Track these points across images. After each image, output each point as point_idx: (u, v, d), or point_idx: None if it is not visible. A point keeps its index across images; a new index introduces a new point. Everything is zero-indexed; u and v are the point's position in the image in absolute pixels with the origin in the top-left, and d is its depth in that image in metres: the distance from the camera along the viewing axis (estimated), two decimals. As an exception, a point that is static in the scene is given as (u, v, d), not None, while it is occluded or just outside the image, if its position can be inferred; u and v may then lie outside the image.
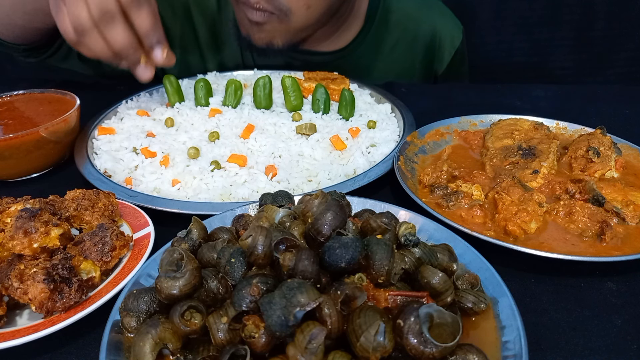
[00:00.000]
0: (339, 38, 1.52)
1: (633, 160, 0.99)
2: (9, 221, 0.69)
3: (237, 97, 1.21)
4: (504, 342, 0.53)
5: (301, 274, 0.49)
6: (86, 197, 0.78)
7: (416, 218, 0.73)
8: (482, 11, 2.03)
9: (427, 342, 0.45)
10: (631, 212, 0.80)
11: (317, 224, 0.55)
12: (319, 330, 0.44)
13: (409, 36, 1.56)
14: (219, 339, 0.49)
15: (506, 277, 0.61)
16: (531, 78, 2.10)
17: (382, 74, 1.59)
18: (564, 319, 0.65)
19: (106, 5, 0.91)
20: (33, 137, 0.95)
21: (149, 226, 0.76)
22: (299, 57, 1.52)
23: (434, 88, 1.61)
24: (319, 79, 1.31)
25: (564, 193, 0.87)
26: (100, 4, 0.91)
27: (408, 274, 0.56)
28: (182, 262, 0.53)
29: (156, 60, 1.04)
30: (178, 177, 0.94)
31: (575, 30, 2.00)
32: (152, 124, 1.13)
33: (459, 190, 0.86)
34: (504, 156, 0.98)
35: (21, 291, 0.60)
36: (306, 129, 1.08)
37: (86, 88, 1.43)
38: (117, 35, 0.95)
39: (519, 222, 0.76)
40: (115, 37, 0.95)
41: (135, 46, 0.99)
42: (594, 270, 0.73)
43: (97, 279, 0.66)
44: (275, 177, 0.95)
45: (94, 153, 1.06)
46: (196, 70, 1.51)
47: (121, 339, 0.54)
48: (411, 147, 1.01)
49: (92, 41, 0.96)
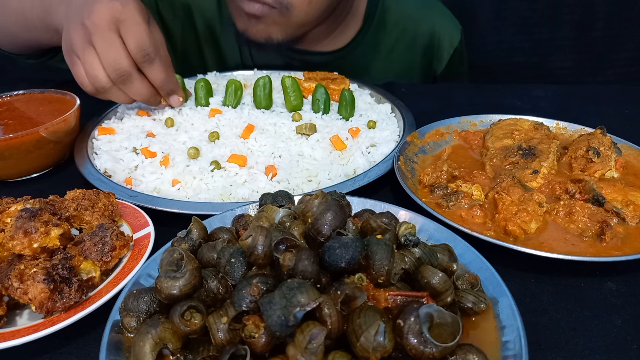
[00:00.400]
0: (338, 38, 1.52)
1: (633, 160, 0.99)
2: (9, 221, 0.69)
3: (237, 97, 1.21)
4: (504, 342, 0.53)
5: (301, 274, 0.49)
6: (86, 197, 0.78)
7: (416, 218, 0.73)
8: (482, 11, 2.03)
9: (427, 342, 0.45)
10: (631, 212, 0.80)
11: (317, 224, 0.55)
12: (319, 330, 0.44)
13: (407, 36, 1.56)
14: (219, 339, 0.49)
15: (506, 277, 0.61)
16: (531, 78, 2.10)
17: (381, 74, 1.59)
18: (564, 319, 0.65)
19: (121, 66, 0.96)
20: (33, 137, 0.95)
21: (149, 226, 0.76)
22: (298, 57, 1.52)
23: (434, 88, 1.61)
24: (319, 79, 1.31)
25: (564, 193, 0.87)
26: (115, 65, 0.96)
27: (408, 274, 0.56)
28: (182, 262, 0.53)
29: (173, 105, 1.15)
30: (178, 177, 0.94)
31: (575, 30, 2.00)
32: (152, 124, 1.13)
33: (459, 190, 0.86)
34: (504, 156, 0.98)
35: (21, 291, 0.60)
36: (306, 129, 1.08)
37: (86, 88, 1.42)
38: (136, 90, 1.02)
39: (519, 222, 0.76)
40: (134, 92, 1.03)
41: (154, 95, 1.08)
42: (594, 270, 0.73)
43: (97, 279, 0.66)
44: (275, 177, 0.95)
45: (94, 153, 1.06)
46: (196, 70, 1.51)
47: (121, 339, 0.54)
48: (411, 147, 1.01)
49: (113, 95, 1.03)
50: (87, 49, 0.95)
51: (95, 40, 0.94)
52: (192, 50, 1.57)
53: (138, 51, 0.96)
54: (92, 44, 0.95)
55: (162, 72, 1.03)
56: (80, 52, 0.96)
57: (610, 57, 2.04)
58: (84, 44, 0.95)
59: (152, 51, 0.98)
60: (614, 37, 1.99)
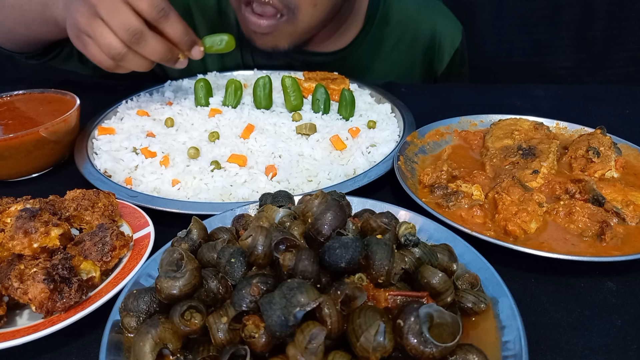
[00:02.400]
0: (339, 38, 1.52)
1: (633, 160, 0.99)
2: (9, 221, 0.69)
3: (237, 97, 1.21)
4: (504, 342, 0.53)
5: (301, 274, 0.49)
6: (86, 197, 0.78)
7: (416, 218, 0.73)
8: (482, 11, 2.03)
9: (427, 342, 0.45)
10: (631, 212, 0.80)
11: (317, 224, 0.55)
12: (319, 330, 0.44)
13: (409, 36, 1.56)
14: (219, 339, 0.49)
15: (506, 277, 0.61)
16: (531, 78, 2.10)
17: (382, 74, 1.59)
18: (564, 319, 0.65)
19: (131, 25, 0.93)
20: (33, 137, 0.95)
21: (149, 226, 0.76)
22: (299, 57, 1.52)
23: (434, 88, 1.61)
24: (319, 79, 1.31)
25: (564, 193, 0.87)
26: (125, 26, 0.93)
27: (408, 274, 0.56)
28: (182, 262, 0.53)
29: (195, 57, 1.08)
30: (178, 177, 0.94)
31: (575, 30, 2.00)
32: (152, 124, 1.13)
33: (459, 190, 0.86)
34: (504, 156, 0.98)
35: (21, 291, 0.60)
36: (306, 129, 1.08)
37: (86, 88, 1.42)
38: (152, 49, 0.98)
39: (519, 222, 0.76)
40: (151, 51, 0.98)
41: (172, 50, 1.02)
42: (594, 270, 0.73)
43: (97, 279, 0.66)
44: (275, 177, 0.95)
45: (94, 153, 1.06)
46: (196, 70, 1.51)
47: (121, 339, 0.54)
48: (411, 147, 1.01)
49: (131, 61, 0.99)
50: (94, 21, 0.94)
51: (100, 11, 0.93)
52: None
53: (152, 8, 0.94)
54: (99, 15, 0.93)
55: (180, 23, 1.00)
56: (88, 27, 0.95)
57: (610, 57, 2.04)
58: (90, 18, 0.94)
59: (165, 5, 0.96)
60: (614, 37, 1.99)
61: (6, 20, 1.21)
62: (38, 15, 1.15)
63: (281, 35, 1.31)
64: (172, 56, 1.03)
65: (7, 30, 1.25)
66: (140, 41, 0.95)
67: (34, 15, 1.15)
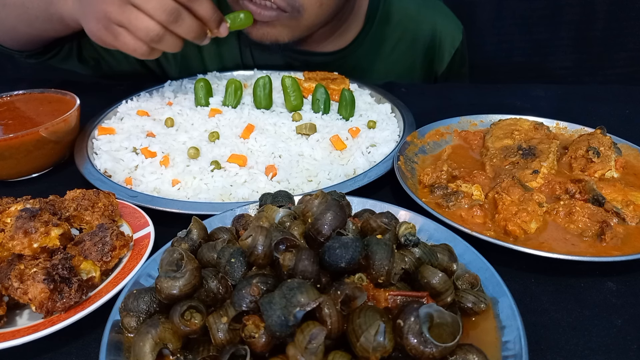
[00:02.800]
0: (339, 38, 1.52)
1: (633, 160, 0.99)
2: (9, 221, 0.69)
3: (237, 97, 1.21)
4: (504, 342, 0.53)
5: (301, 274, 0.49)
6: (86, 197, 0.78)
7: (416, 218, 0.73)
8: (482, 11, 2.03)
9: (427, 342, 0.45)
10: (631, 212, 0.80)
11: (317, 224, 0.55)
12: (319, 330, 0.44)
13: (409, 36, 1.56)
14: (219, 339, 0.49)
15: (506, 277, 0.61)
16: (531, 78, 2.10)
17: (383, 74, 1.59)
18: (564, 319, 0.65)
19: (169, 6, 0.94)
20: (33, 137, 0.95)
21: (149, 226, 0.76)
22: (299, 57, 1.51)
23: (434, 88, 1.61)
24: (319, 79, 1.31)
25: (564, 193, 0.87)
26: (162, 7, 0.94)
27: (408, 274, 0.56)
28: (182, 262, 0.53)
29: (222, 35, 1.11)
30: (178, 177, 0.94)
31: (575, 30, 2.00)
32: (152, 124, 1.13)
33: (459, 190, 0.86)
34: (504, 156, 0.98)
35: (21, 291, 0.60)
36: (306, 129, 1.08)
37: (86, 88, 1.43)
38: (188, 27, 1.00)
39: (519, 222, 0.76)
40: (187, 30, 1.00)
41: (203, 28, 1.05)
42: (594, 270, 0.73)
43: (97, 279, 0.66)
44: (275, 177, 0.95)
45: (94, 153, 1.06)
46: (196, 70, 1.51)
47: (121, 339, 0.54)
48: (411, 147, 1.01)
49: (167, 42, 1.00)
50: (127, 8, 0.94)
51: None
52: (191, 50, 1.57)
53: None
54: (130, 2, 0.93)
55: (209, 2, 1.02)
56: (121, 15, 0.95)
57: (610, 57, 2.04)
58: (122, 6, 0.94)
59: None
60: (614, 37, 1.99)
61: (8, 18, 1.21)
62: (41, 13, 1.15)
63: (283, 28, 1.29)
64: (203, 34, 1.06)
65: (9, 28, 1.25)
66: (178, 20, 0.97)
67: (37, 13, 1.15)
